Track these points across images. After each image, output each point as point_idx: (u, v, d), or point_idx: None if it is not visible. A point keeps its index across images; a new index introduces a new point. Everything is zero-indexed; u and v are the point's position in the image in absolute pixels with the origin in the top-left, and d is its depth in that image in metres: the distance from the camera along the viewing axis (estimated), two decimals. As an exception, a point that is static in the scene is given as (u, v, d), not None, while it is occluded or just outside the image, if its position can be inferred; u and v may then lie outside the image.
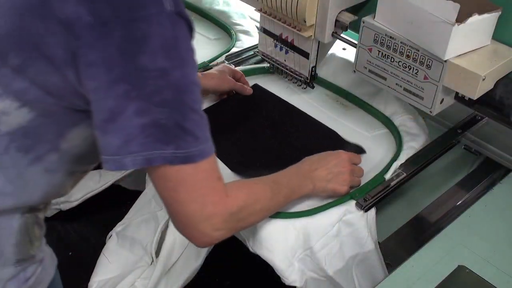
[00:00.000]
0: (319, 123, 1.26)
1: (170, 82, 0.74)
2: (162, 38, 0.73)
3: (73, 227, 1.25)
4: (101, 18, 0.70)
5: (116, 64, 0.71)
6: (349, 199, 1.04)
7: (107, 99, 0.72)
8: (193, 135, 0.77)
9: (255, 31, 1.57)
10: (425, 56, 1.03)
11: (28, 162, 0.83)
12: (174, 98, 0.74)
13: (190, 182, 0.78)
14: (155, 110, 0.73)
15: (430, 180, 1.24)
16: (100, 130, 0.75)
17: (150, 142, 0.74)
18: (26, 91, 0.77)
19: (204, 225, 0.80)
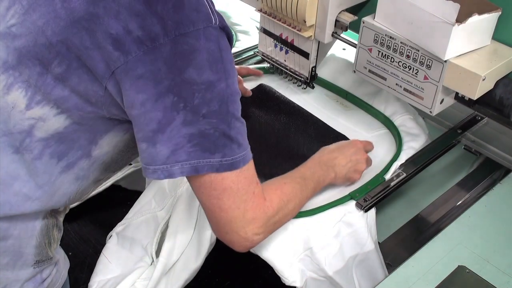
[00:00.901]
0: (324, 124, 1.26)
1: (216, 93, 0.76)
2: (209, 52, 0.75)
3: (73, 227, 1.25)
4: (151, 33, 0.73)
5: (165, 77, 0.74)
6: (349, 199, 1.04)
7: (155, 111, 0.75)
8: (237, 143, 0.79)
9: (255, 31, 1.57)
10: (425, 56, 1.03)
11: (60, 169, 0.85)
12: (220, 108, 0.77)
13: (233, 189, 0.80)
14: (202, 121, 0.75)
15: (430, 180, 1.24)
16: (148, 141, 0.77)
17: (198, 151, 0.76)
18: (66, 99, 0.80)
19: (246, 230, 0.83)
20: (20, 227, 0.87)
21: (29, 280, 0.91)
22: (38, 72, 0.79)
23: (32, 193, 0.85)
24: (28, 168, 0.84)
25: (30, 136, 0.82)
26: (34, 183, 0.84)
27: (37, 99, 0.80)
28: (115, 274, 1.05)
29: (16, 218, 0.86)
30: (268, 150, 1.18)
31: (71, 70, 0.77)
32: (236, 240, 0.84)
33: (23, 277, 0.90)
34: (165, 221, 1.06)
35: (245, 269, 1.16)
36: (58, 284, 0.97)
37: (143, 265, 1.06)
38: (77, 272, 1.14)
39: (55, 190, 0.86)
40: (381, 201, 1.05)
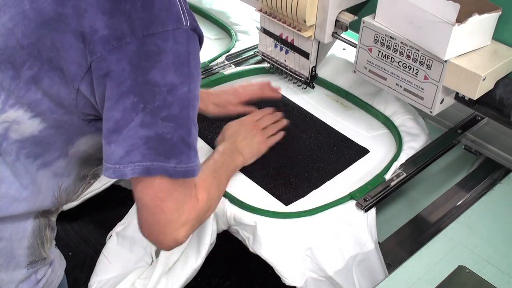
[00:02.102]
0: (324, 124, 1.26)
1: (178, 97, 0.75)
2: (176, 54, 0.74)
3: (73, 227, 1.24)
4: (117, 32, 0.71)
5: (128, 77, 0.72)
6: (349, 199, 1.04)
7: (115, 110, 0.73)
8: (194, 150, 0.78)
9: (255, 31, 1.57)
10: (425, 56, 1.03)
11: (36, 167, 0.84)
12: (181, 113, 0.75)
13: (179, 193, 0.80)
14: (161, 124, 0.74)
15: (430, 180, 1.24)
16: (105, 139, 0.76)
17: (152, 154, 0.75)
18: (38, 102, 0.78)
19: (178, 232, 0.82)
20: (11, 229, 0.86)
21: (23, 281, 0.90)
22: (11, 75, 0.77)
23: (19, 194, 0.84)
24: (12, 170, 0.83)
25: (6, 139, 0.81)
26: (19, 184, 0.84)
27: (11, 102, 0.79)
28: (115, 274, 1.05)
29: (6, 220, 0.85)
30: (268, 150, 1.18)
31: (42, 72, 0.76)
32: (166, 241, 0.83)
33: (17, 278, 0.89)
34: (165, 221, 1.06)
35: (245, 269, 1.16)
36: (54, 284, 0.96)
37: (143, 265, 1.06)
38: (77, 272, 1.14)
39: (38, 188, 0.85)
40: (381, 201, 1.06)
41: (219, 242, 1.04)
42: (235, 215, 1.01)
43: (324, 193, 1.08)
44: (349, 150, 1.20)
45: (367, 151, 1.20)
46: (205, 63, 1.43)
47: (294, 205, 1.05)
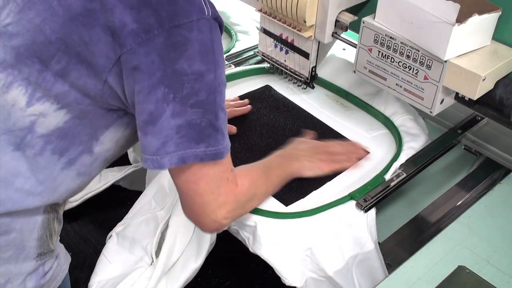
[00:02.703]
0: (323, 124, 1.26)
1: (205, 84, 0.78)
2: (201, 43, 0.77)
3: (73, 227, 1.24)
4: (145, 25, 0.74)
5: (157, 69, 0.75)
6: (349, 199, 1.04)
7: (148, 102, 0.77)
8: (222, 133, 0.82)
9: (255, 32, 1.57)
10: (425, 56, 1.03)
11: (62, 165, 0.86)
12: (207, 99, 0.79)
13: (210, 175, 0.83)
14: (190, 111, 0.77)
15: (430, 181, 1.24)
16: (141, 131, 0.80)
17: (185, 142, 0.78)
18: (66, 94, 0.81)
19: (217, 213, 0.86)
20: (22, 221, 0.88)
21: (31, 273, 0.92)
22: (38, 69, 0.79)
23: (34, 189, 0.85)
24: (29, 164, 0.84)
25: (31, 133, 0.83)
26: (35, 179, 0.85)
27: (37, 96, 0.81)
28: (115, 274, 1.05)
29: (18, 213, 0.87)
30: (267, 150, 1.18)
31: (70, 66, 0.78)
32: (206, 222, 0.87)
33: (26, 270, 0.91)
34: (165, 221, 1.06)
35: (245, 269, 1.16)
36: (59, 278, 0.97)
37: (143, 265, 1.05)
38: (77, 272, 1.14)
39: (57, 185, 0.87)
40: (381, 201, 1.05)
41: (219, 242, 1.04)
42: (235, 215, 1.00)
43: (324, 193, 1.08)
44: None
45: (367, 152, 1.20)
46: (205, 63, 1.43)
47: (294, 206, 1.05)
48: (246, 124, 1.26)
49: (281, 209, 1.04)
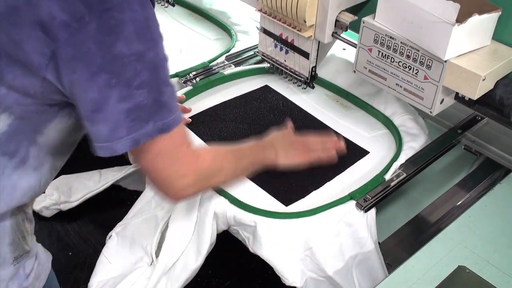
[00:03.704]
0: (323, 124, 1.26)
1: (147, 63, 0.76)
2: (135, 22, 0.74)
3: (73, 227, 1.24)
4: (75, 14, 0.71)
5: (95, 56, 0.73)
6: (349, 199, 1.04)
7: (90, 91, 0.74)
8: (167, 107, 0.80)
9: (255, 32, 1.57)
10: (425, 56, 1.03)
11: (15, 165, 0.84)
12: (151, 77, 0.77)
13: (167, 150, 0.83)
14: (136, 93, 0.76)
15: (430, 180, 1.24)
16: (88, 121, 0.77)
17: (136, 124, 0.77)
18: (4, 97, 0.78)
19: (179, 182, 0.87)
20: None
21: (12, 278, 0.90)
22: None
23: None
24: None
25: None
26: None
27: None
28: (115, 274, 1.05)
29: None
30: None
31: (3, 68, 0.76)
32: (172, 193, 0.88)
33: (6, 277, 0.89)
34: (165, 221, 1.06)
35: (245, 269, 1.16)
36: (42, 277, 0.95)
37: (143, 265, 1.05)
38: (77, 272, 1.14)
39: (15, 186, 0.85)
40: (381, 201, 1.05)
41: (219, 242, 1.04)
42: (235, 216, 1.01)
43: (324, 193, 1.08)
44: (349, 150, 1.20)
45: (366, 152, 1.20)
46: (205, 63, 1.43)
47: (294, 206, 1.05)
48: (246, 123, 1.26)
49: (281, 209, 1.04)
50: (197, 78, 1.37)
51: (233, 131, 1.23)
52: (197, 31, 1.64)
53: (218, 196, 1.03)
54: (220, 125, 1.24)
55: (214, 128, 1.23)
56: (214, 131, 1.22)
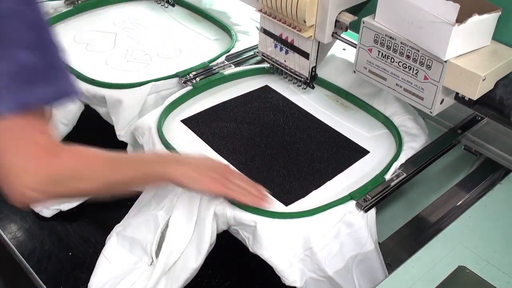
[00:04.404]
0: (323, 124, 1.26)
1: (24, 21, 0.70)
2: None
3: (73, 227, 1.24)
4: None
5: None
6: (349, 199, 1.04)
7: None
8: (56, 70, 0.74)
9: (255, 32, 1.57)
10: (425, 57, 1.03)
11: None
12: (34, 37, 0.71)
13: (12, 132, 0.73)
14: (19, 53, 0.70)
15: (430, 181, 1.24)
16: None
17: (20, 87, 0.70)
18: None
19: (21, 180, 0.75)
20: None
21: None
22: None
23: None
24: None
25: None
26: None
27: None
28: (115, 274, 1.05)
29: None
30: (267, 150, 1.18)
31: None
32: (11, 190, 0.76)
33: None
34: (165, 221, 1.06)
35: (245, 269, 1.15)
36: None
37: (142, 265, 1.05)
38: (77, 272, 1.14)
39: None
40: (381, 201, 1.05)
41: (219, 242, 1.04)
42: (235, 215, 1.00)
43: (324, 193, 1.08)
44: (349, 150, 1.20)
45: (366, 151, 1.20)
46: (205, 63, 1.43)
47: (294, 205, 1.05)
48: (246, 123, 1.26)
49: (281, 208, 1.04)
50: (197, 78, 1.37)
51: (233, 131, 1.23)
52: (197, 31, 1.64)
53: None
54: (220, 125, 1.24)
55: (214, 128, 1.23)
56: (214, 131, 1.22)
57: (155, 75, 1.38)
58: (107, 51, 1.51)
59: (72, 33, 1.58)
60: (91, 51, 1.51)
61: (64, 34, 1.57)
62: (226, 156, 1.15)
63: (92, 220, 1.27)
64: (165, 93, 1.35)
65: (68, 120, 1.36)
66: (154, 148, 1.15)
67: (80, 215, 1.27)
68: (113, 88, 1.32)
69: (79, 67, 1.39)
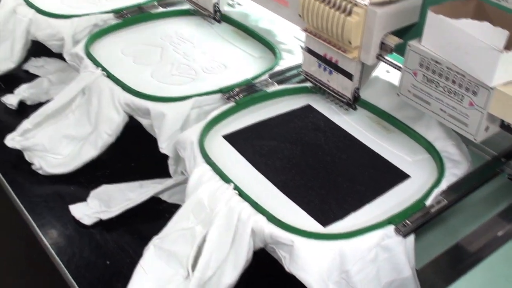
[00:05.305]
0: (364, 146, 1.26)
1: None
2: None
3: (112, 236, 1.26)
4: None
5: None
6: (388, 224, 1.03)
7: None
8: None
9: (299, 51, 1.58)
10: (471, 83, 1.02)
11: None
12: None
13: None
14: None
15: (471, 209, 1.22)
16: None
17: None
18: None
19: None
20: None
21: None
22: None
23: None
24: None
25: None
26: None
27: None
28: (151, 285, 1.06)
29: None
30: (307, 169, 1.18)
31: None
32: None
33: None
34: (202, 235, 1.07)
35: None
36: None
37: (178, 278, 1.06)
38: (114, 282, 1.16)
39: None
40: (420, 227, 1.04)
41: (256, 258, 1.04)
42: (272, 233, 1.01)
43: (362, 216, 1.08)
44: (389, 174, 1.19)
45: (407, 175, 1.19)
46: (249, 80, 1.45)
47: (332, 227, 1.05)
48: (286, 142, 1.26)
49: (319, 229, 1.04)
50: (240, 95, 1.38)
51: (274, 148, 1.24)
52: (241, 48, 1.65)
53: (256, 213, 1.03)
54: (261, 143, 1.25)
55: (255, 145, 1.24)
56: (255, 148, 1.23)
57: (199, 90, 1.40)
58: (153, 65, 1.54)
59: (120, 46, 1.61)
60: (138, 64, 1.54)
61: (113, 46, 1.61)
62: (265, 174, 1.16)
63: (130, 230, 1.28)
64: (208, 108, 1.36)
65: (112, 131, 1.39)
66: (195, 162, 1.17)
67: (119, 225, 1.29)
68: (158, 101, 1.35)
69: (126, 79, 1.41)
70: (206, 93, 1.38)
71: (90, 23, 1.67)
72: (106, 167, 1.44)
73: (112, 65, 1.48)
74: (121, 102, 1.38)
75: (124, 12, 1.73)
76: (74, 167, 1.41)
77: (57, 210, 1.33)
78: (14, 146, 1.43)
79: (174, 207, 1.17)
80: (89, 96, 1.44)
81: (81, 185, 1.39)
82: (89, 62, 1.50)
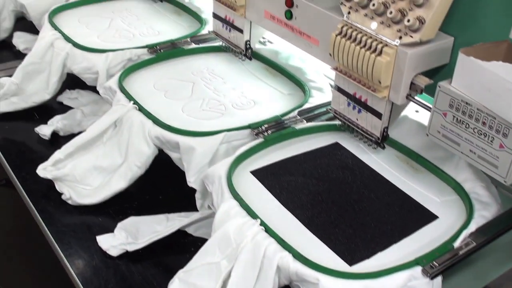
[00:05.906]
0: (394, 186, 1.25)
1: None
2: None
3: (137, 268, 1.27)
4: None
5: None
6: (415, 264, 1.01)
7: None
8: None
9: (328, 89, 1.59)
10: (502, 124, 1.01)
11: None
12: None
13: None
14: None
15: (501, 251, 1.20)
16: None
17: None
18: None
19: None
20: None
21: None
22: None
23: None
24: None
25: None
26: None
27: None
28: (175, 319, 1.06)
29: None
30: (334, 207, 1.18)
31: None
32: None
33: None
34: (227, 270, 1.07)
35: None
36: None
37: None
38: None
39: None
40: (448, 269, 1.03)
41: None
42: (298, 271, 1.00)
43: (389, 256, 1.07)
44: (417, 214, 1.18)
45: (435, 216, 1.17)
46: (278, 116, 1.46)
47: (358, 266, 1.04)
48: (314, 179, 1.26)
49: (345, 268, 1.03)
50: (269, 131, 1.40)
51: (301, 185, 1.24)
52: (271, 85, 1.67)
53: (282, 249, 1.03)
54: (288, 179, 1.25)
55: (283, 181, 1.24)
56: (283, 184, 1.23)
57: (228, 125, 1.41)
58: (184, 99, 1.57)
59: (153, 80, 1.65)
60: (169, 98, 1.57)
61: (145, 80, 1.64)
62: (292, 211, 1.16)
63: (156, 262, 1.29)
64: (236, 143, 1.38)
65: (141, 163, 1.41)
66: (222, 196, 1.17)
67: (145, 257, 1.29)
68: (187, 135, 1.36)
69: (157, 113, 1.44)
70: (236, 128, 1.39)
71: (124, 58, 1.72)
72: (134, 199, 1.46)
73: (144, 99, 1.51)
74: (151, 135, 1.40)
75: (158, 47, 1.77)
76: (103, 198, 1.43)
77: (84, 241, 1.34)
78: (45, 176, 1.46)
79: (200, 241, 1.17)
80: (120, 128, 1.47)
81: (109, 216, 1.41)
82: (121, 96, 1.53)
